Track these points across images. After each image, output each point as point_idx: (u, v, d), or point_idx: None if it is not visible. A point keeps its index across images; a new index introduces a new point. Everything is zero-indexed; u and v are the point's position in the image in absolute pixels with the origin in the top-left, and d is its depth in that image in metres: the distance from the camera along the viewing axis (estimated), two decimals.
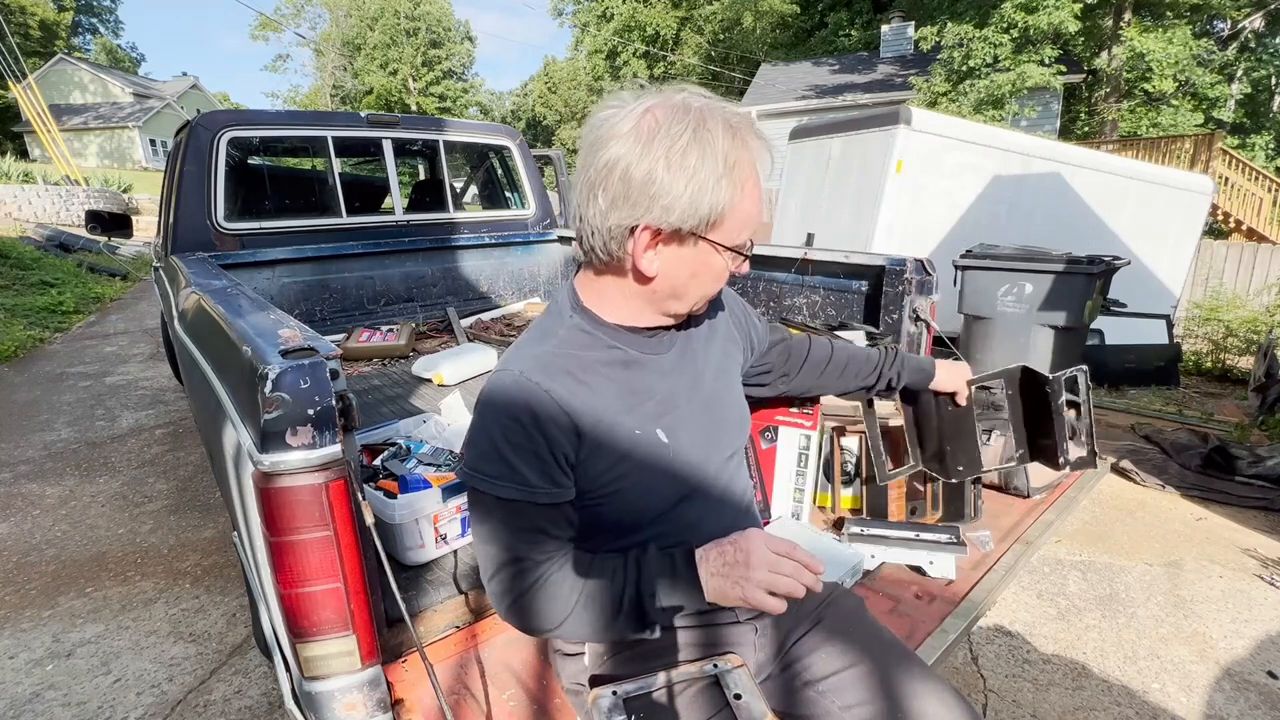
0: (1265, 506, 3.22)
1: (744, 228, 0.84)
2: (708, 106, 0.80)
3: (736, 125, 0.80)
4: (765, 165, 0.83)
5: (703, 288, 0.88)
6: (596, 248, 0.85)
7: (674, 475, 0.91)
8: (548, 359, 0.86)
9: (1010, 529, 1.66)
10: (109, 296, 8.72)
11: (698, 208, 0.78)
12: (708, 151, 0.77)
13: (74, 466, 3.66)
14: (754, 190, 0.82)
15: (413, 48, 38.83)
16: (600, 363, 0.88)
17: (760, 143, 0.82)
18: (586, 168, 0.82)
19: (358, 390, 2.58)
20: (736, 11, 25.23)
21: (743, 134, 0.80)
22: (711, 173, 0.77)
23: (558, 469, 0.83)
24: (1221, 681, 2.07)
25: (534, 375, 0.83)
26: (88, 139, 29.62)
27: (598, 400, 0.86)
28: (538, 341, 0.89)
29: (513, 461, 0.81)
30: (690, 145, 0.77)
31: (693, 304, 0.90)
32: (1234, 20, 14.51)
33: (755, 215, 0.85)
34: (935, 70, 13.77)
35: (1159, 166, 7.12)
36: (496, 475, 0.81)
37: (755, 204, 0.83)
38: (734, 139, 0.79)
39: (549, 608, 0.83)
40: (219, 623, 2.32)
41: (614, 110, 0.81)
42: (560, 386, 0.83)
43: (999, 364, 1.47)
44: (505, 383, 0.84)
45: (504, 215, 4.01)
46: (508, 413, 0.82)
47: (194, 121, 2.96)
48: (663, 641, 0.95)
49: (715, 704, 0.87)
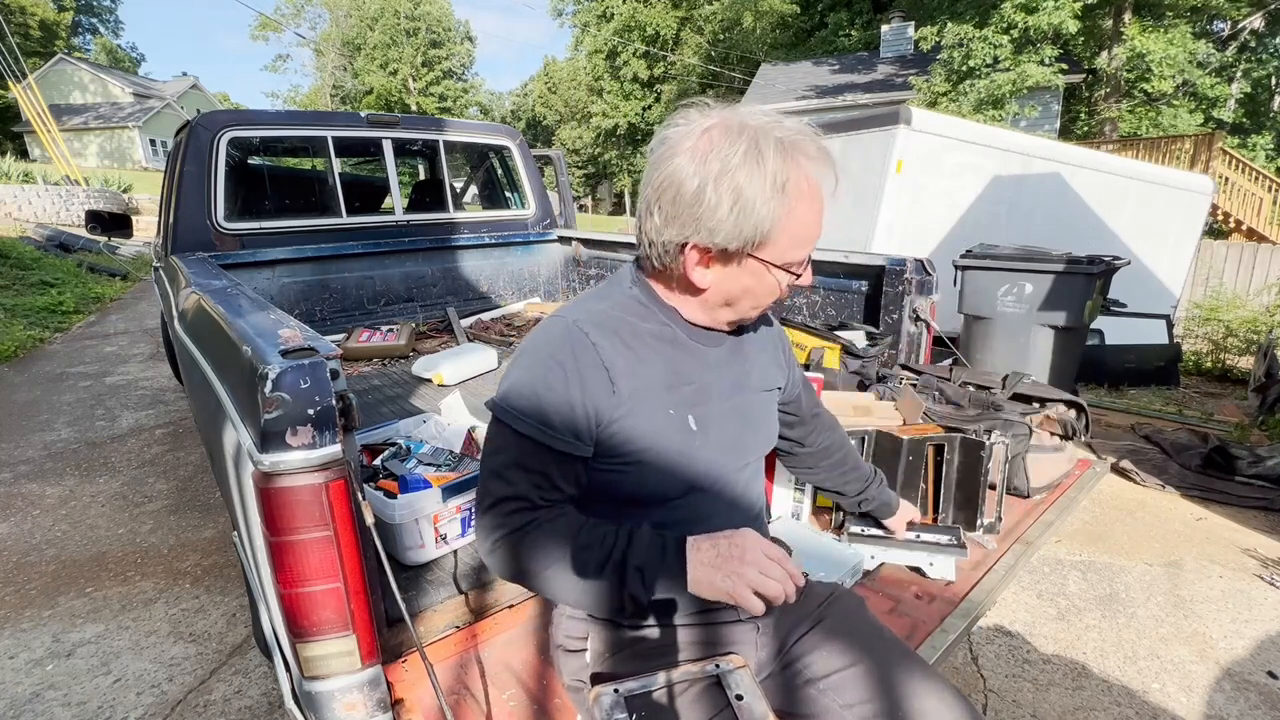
0: (1265, 506, 3.22)
1: (797, 246, 0.85)
2: (764, 126, 0.80)
3: (790, 145, 0.80)
4: (826, 182, 0.84)
5: (755, 300, 0.90)
6: (653, 257, 0.88)
7: (694, 464, 0.92)
8: (601, 316, 0.89)
9: (1010, 529, 1.66)
10: (109, 296, 8.72)
11: (742, 229, 0.80)
12: (756, 172, 0.78)
13: (74, 466, 3.66)
14: (808, 209, 0.83)
15: (413, 48, 38.84)
16: (650, 335, 0.90)
17: (818, 160, 0.83)
18: (647, 183, 0.85)
19: (358, 390, 2.58)
20: (736, 11, 25.23)
21: (796, 153, 0.80)
22: (759, 193, 0.79)
23: (583, 423, 0.84)
24: (1221, 681, 2.07)
25: (585, 326, 0.86)
26: (88, 139, 29.62)
27: (641, 368, 0.88)
28: (595, 300, 0.93)
29: (543, 402, 0.83)
30: (740, 165, 0.78)
31: (743, 313, 0.93)
32: (1234, 20, 14.50)
33: (810, 233, 0.86)
34: (935, 70, 13.77)
35: (1159, 166, 7.12)
36: (523, 411, 0.83)
37: (809, 223, 0.84)
38: (785, 158, 0.79)
39: (532, 555, 0.83)
40: (219, 623, 2.32)
41: (678, 129, 0.83)
42: (608, 344, 0.86)
43: (999, 364, 1.51)
44: (556, 329, 0.87)
45: (504, 215, 4.02)
46: (553, 356, 0.84)
47: (194, 121, 2.96)
48: (664, 640, 0.95)
49: (717, 704, 0.87)
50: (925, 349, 2.35)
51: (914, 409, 1.88)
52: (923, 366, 2.28)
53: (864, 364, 2.20)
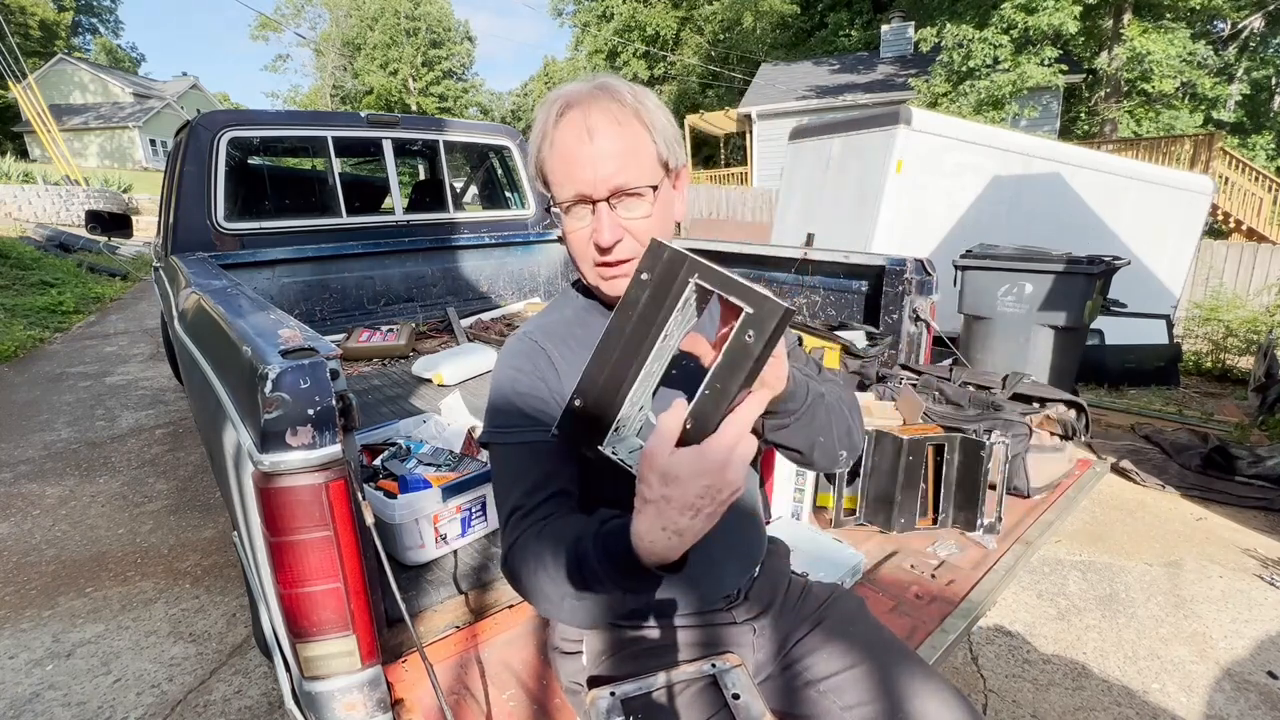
0: (1265, 506, 3.22)
1: (559, 182, 0.83)
2: (589, 79, 0.85)
3: (573, 90, 0.83)
4: (577, 123, 0.80)
5: (580, 247, 0.85)
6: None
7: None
8: (550, 326, 0.94)
9: (1010, 529, 1.66)
10: (109, 296, 8.72)
11: (533, 158, 0.85)
12: (542, 108, 0.84)
13: (74, 466, 3.65)
14: (563, 137, 0.81)
15: (413, 48, 38.83)
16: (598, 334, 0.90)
17: (591, 94, 0.81)
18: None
19: (358, 390, 2.58)
20: (736, 11, 25.23)
21: (571, 95, 0.82)
22: (538, 125, 0.84)
23: (556, 409, 0.86)
24: (1221, 681, 2.07)
25: (536, 336, 0.92)
26: (88, 139, 29.62)
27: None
28: (546, 313, 0.98)
29: (519, 407, 0.86)
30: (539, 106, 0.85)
31: (587, 272, 0.88)
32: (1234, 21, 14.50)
33: (568, 173, 0.81)
34: (935, 71, 13.77)
35: (1159, 166, 7.12)
36: (507, 424, 0.86)
37: (566, 160, 0.80)
38: (559, 97, 0.83)
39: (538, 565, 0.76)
40: (219, 623, 2.32)
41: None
42: (555, 349, 0.90)
43: (999, 364, 1.51)
44: (512, 344, 0.93)
45: (504, 215, 4.02)
46: (512, 364, 0.90)
47: (194, 121, 2.96)
48: (661, 641, 0.95)
49: (714, 704, 0.87)
50: (925, 349, 2.35)
51: (914, 409, 1.88)
52: (923, 366, 2.28)
53: (864, 364, 2.20)
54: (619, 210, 0.81)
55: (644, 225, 0.83)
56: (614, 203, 0.81)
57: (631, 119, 0.81)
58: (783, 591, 1.05)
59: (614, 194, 0.80)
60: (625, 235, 0.82)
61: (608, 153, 0.79)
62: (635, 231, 0.82)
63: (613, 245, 0.81)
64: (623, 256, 0.83)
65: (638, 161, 0.81)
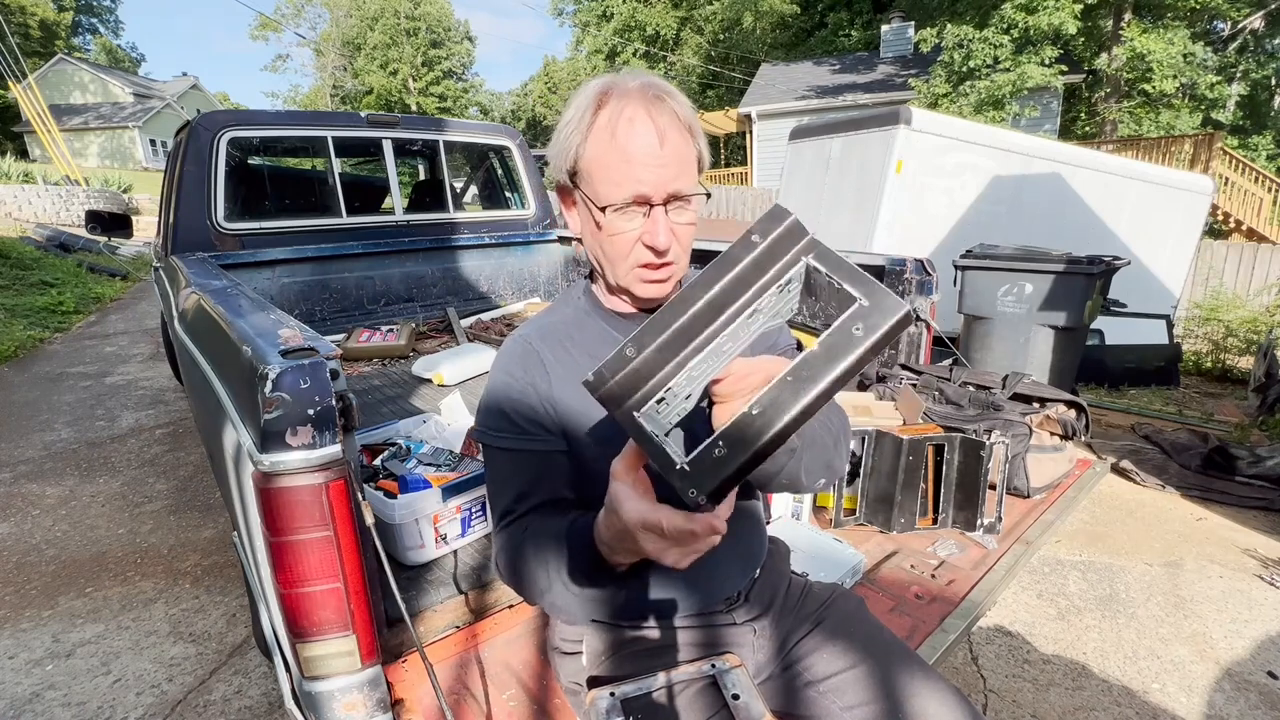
0: (1265, 506, 3.22)
1: (609, 182, 0.80)
2: (615, 74, 0.84)
3: (621, 83, 0.81)
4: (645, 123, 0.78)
5: (616, 250, 0.83)
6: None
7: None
8: (546, 328, 0.93)
9: (1010, 529, 1.66)
10: (109, 296, 8.72)
11: (562, 156, 0.84)
12: (579, 97, 0.82)
13: (74, 466, 3.65)
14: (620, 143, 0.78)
15: (413, 48, 38.83)
16: (592, 340, 0.92)
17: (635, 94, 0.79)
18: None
19: (358, 390, 2.58)
20: (736, 11, 25.22)
21: (625, 88, 0.80)
22: (574, 115, 0.82)
23: (547, 418, 0.87)
24: (1221, 681, 2.07)
25: (531, 339, 0.91)
26: (88, 139, 29.62)
27: (578, 370, 0.88)
28: (545, 314, 0.98)
29: (510, 413, 0.87)
30: (571, 100, 0.83)
31: (620, 276, 0.86)
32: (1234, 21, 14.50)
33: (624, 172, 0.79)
34: (935, 71, 13.77)
35: (1159, 167, 7.11)
36: (499, 427, 0.87)
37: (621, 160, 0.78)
38: (607, 89, 0.81)
39: (532, 564, 0.80)
40: (219, 623, 2.32)
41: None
42: (549, 352, 0.90)
43: (999, 364, 1.51)
44: (507, 346, 0.93)
45: (504, 215, 4.01)
46: (506, 369, 0.90)
47: (194, 122, 2.96)
48: (660, 641, 0.95)
49: (713, 704, 0.87)
50: (925, 349, 2.35)
51: (914, 409, 1.88)
52: (923, 366, 2.28)
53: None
54: (670, 214, 0.82)
55: (688, 231, 0.85)
56: (668, 207, 0.82)
57: (689, 125, 0.83)
58: (783, 592, 1.05)
59: (670, 198, 0.81)
60: (673, 240, 0.82)
61: (673, 158, 0.80)
62: (681, 237, 0.84)
63: (667, 248, 0.82)
64: (670, 259, 0.83)
65: (692, 169, 0.84)
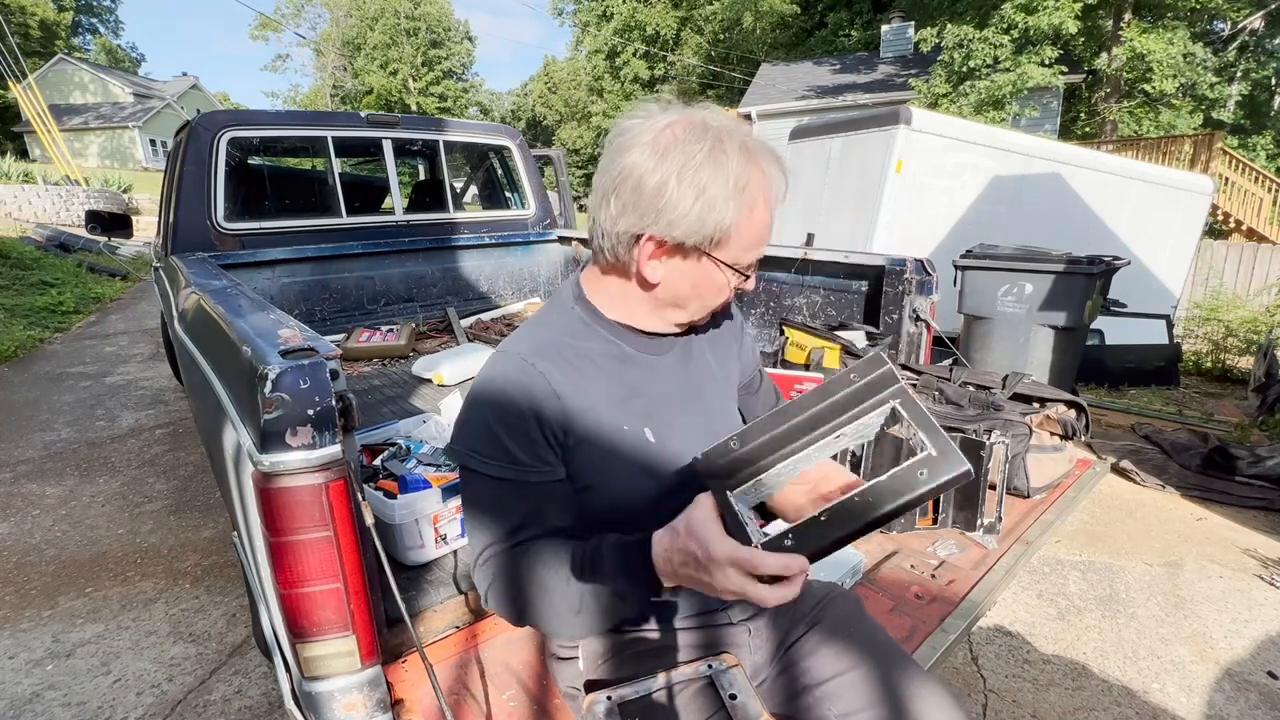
0: (1265, 506, 3.22)
1: (750, 249, 0.86)
2: (726, 127, 0.81)
3: (752, 149, 0.81)
4: (778, 189, 0.85)
5: (704, 300, 0.89)
6: (605, 249, 0.87)
7: (660, 476, 0.90)
8: (544, 344, 0.88)
9: (1010, 529, 1.66)
10: (109, 296, 8.72)
11: (703, 225, 0.80)
12: (719, 171, 0.79)
13: (74, 466, 3.65)
14: (763, 213, 0.84)
15: (413, 48, 38.84)
16: (596, 354, 0.89)
17: (776, 168, 0.84)
18: (604, 172, 0.84)
19: (358, 390, 2.58)
20: (736, 11, 25.23)
21: (757, 157, 0.81)
22: (720, 192, 0.79)
23: (548, 449, 0.84)
24: (1221, 681, 2.07)
25: (530, 357, 0.85)
26: (88, 139, 29.63)
27: (590, 388, 0.87)
28: (537, 327, 0.91)
29: (505, 441, 0.82)
30: (704, 163, 0.78)
31: (694, 314, 0.92)
32: (1234, 21, 14.50)
33: (762, 237, 0.86)
34: (935, 71, 13.77)
35: (1159, 167, 7.12)
36: (490, 454, 0.82)
37: (763, 227, 0.85)
38: (747, 161, 0.80)
39: (531, 591, 0.81)
40: (219, 623, 2.32)
41: (638, 121, 0.83)
42: (555, 370, 0.85)
43: (999, 364, 1.51)
44: (501, 364, 0.86)
45: (504, 215, 4.02)
46: (502, 393, 0.83)
47: (194, 122, 2.96)
48: (658, 643, 0.95)
49: (711, 705, 0.87)
50: (925, 349, 2.35)
51: None
52: (923, 366, 2.28)
53: None
54: None
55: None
56: None
57: None
58: None
59: None
60: None
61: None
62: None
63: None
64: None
65: None
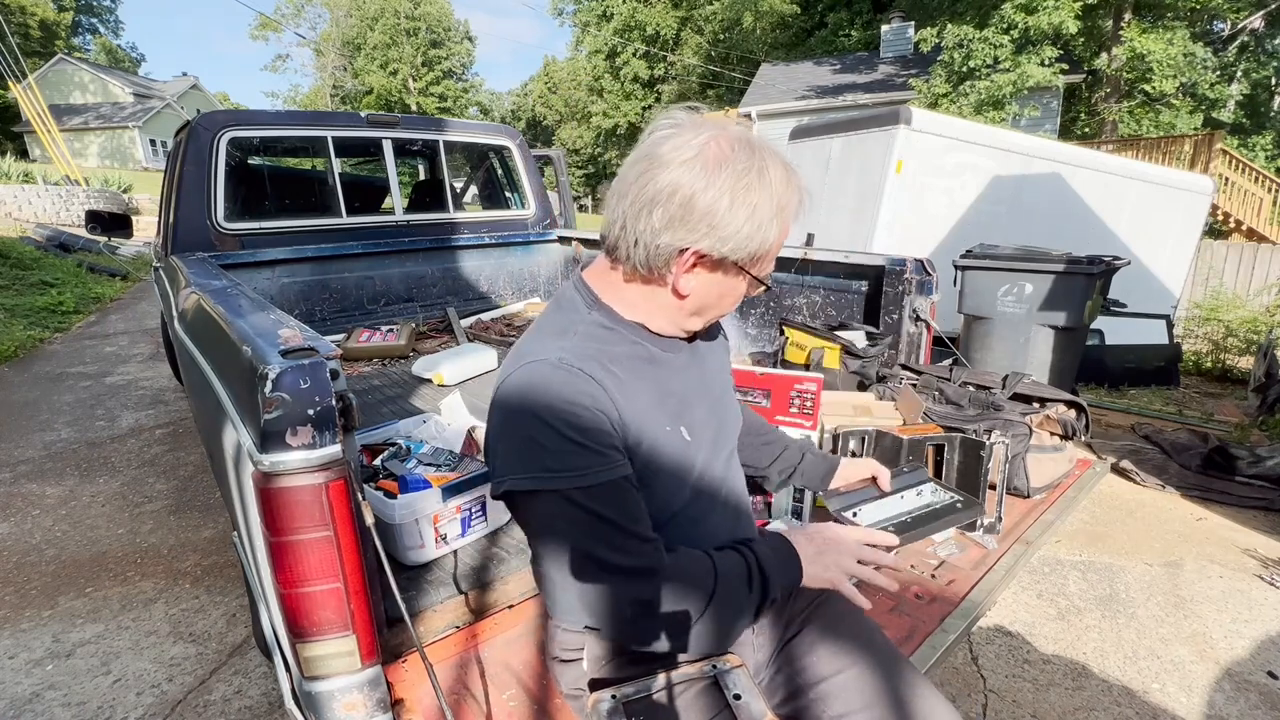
0: (1265, 506, 3.22)
1: (771, 262, 0.91)
2: (767, 146, 0.84)
3: (790, 170, 0.84)
4: (804, 210, 0.88)
5: (722, 309, 0.93)
6: (637, 260, 0.84)
7: (694, 471, 0.93)
8: (580, 350, 0.83)
9: (1010, 529, 1.66)
10: (109, 296, 8.71)
11: (750, 243, 0.82)
12: (766, 192, 0.81)
13: (74, 466, 3.65)
14: (789, 230, 0.88)
15: (413, 48, 38.85)
16: (627, 358, 0.88)
17: (801, 188, 0.87)
18: (644, 184, 0.81)
19: (358, 390, 2.58)
20: (736, 11, 25.22)
21: (793, 179, 0.84)
22: (768, 212, 0.81)
23: (620, 442, 0.82)
24: (1221, 681, 2.07)
25: (574, 363, 0.80)
26: (88, 139, 29.63)
27: (632, 393, 0.85)
28: (559, 336, 0.86)
29: (587, 445, 0.77)
30: (755, 183, 0.80)
31: (707, 321, 0.95)
32: (1234, 21, 14.50)
33: (779, 251, 0.91)
34: (935, 71, 13.76)
35: (1159, 167, 7.11)
36: (580, 467, 0.76)
37: (783, 242, 0.89)
38: (788, 184, 0.83)
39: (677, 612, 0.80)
40: (219, 623, 2.32)
41: (672, 132, 0.82)
42: (603, 375, 0.81)
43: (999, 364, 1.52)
44: (545, 373, 0.79)
45: (504, 215, 4.02)
46: (562, 397, 0.77)
47: (194, 122, 2.96)
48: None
49: (715, 704, 0.87)
50: (925, 349, 2.35)
51: (914, 409, 1.88)
52: (923, 366, 2.28)
53: (864, 364, 2.20)
54: None
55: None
56: None
57: None
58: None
59: None
60: None
61: None
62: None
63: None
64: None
65: None
